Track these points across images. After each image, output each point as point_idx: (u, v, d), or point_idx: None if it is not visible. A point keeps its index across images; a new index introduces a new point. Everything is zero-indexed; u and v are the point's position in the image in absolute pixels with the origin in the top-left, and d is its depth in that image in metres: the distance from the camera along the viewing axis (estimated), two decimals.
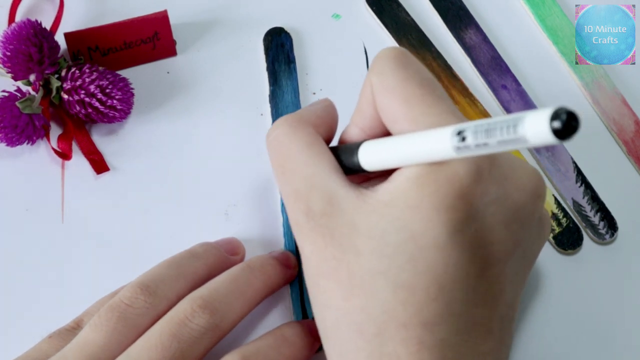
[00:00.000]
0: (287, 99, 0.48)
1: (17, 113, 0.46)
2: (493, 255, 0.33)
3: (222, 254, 0.42)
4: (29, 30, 0.46)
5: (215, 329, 0.37)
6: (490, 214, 0.33)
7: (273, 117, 0.48)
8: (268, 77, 0.49)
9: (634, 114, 0.49)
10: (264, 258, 0.41)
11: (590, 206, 0.45)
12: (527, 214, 0.34)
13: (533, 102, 0.49)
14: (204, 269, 0.40)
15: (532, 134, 0.26)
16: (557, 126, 0.25)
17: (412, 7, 0.52)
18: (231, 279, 0.39)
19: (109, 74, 0.47)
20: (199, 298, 0.38)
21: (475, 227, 0.32)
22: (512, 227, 0.34)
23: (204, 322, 0.37)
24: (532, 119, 0.26)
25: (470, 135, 0.28)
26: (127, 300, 0.38)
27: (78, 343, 0.37)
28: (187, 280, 0.40)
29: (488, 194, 0.33)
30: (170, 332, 0.37)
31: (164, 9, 0.50)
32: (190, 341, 0.37)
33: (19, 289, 0.43)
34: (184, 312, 0.37)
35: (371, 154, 0.35)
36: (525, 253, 0.35)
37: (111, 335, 0.37)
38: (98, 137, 0.48)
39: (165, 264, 0.40)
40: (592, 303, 0.43)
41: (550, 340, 0.42)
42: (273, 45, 0.50)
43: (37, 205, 0.46)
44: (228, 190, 0.46)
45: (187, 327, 0.37)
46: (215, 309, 0.37)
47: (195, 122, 0.49)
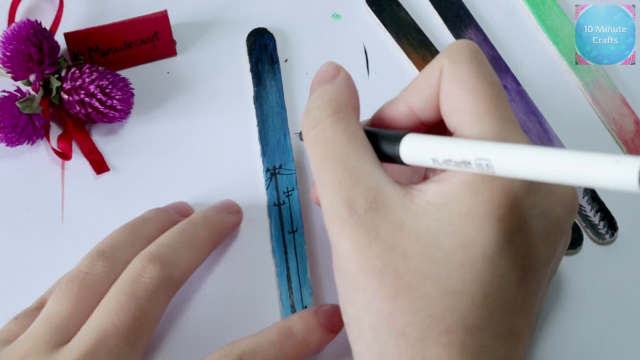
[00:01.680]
0: (272, 100, 0.48)
1: (17, 113, 0.46)
2: (532, 266, 0.34)
3: (173, 215, 0.43)
4: (29, 30, 0.46)
5: (169, 279, 0.38)
6: (536, 227, 0.33)
7: (258, 118, 0.48)
8: (252, 77, 0.49)
9: (634, 113, 0.49)
10: (206, 210, 0.43)
11: (590, 206, 0.45)
12: (564, 226, 0.35)
13: (533, 102, 0.49)
14: (156, 231, 0.41)
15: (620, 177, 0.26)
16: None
17: (412, 7, 0.52)
18: (176, 232, 0.40)
19: (109, 74, 0.47)
20: (147, 254, 0.39)
21: (521, 238, 0.33)
22: (550, 240, 0.34)
23: (155, 273, 0.38)
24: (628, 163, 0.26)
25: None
26: (86, 268, 0.39)
27: (44, 316, 0.38)
28: (142, 243, 0.40)
29: (536, 207, 0.33)
30: (125, 291, 0.37)
31: (164, 9, 0.50)
32: (146, 296, 0.37)
33: (19, 289, 0.43)
34: (135, 269, 0.38)
35: (420, 150, 0.34)
36: (555, 265, 0.36)
37: (74, 304, 0.38)
38: (98, 137, 0.48)
39: (119, 230, 0.41)
40: (592, 303, 0.43)
41: (550, 340, 0.42)
42: (256, 46, 0.50)
43: (37, 205, 0.46)
44: (228, 190, 0.46)
45: (141, 282, 0.38)
46: (165, 260, 0.38)
47: (195, 122, 0.49)
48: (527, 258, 0.33)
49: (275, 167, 0.46)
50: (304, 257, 0.43)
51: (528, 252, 0.33)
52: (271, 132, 0.47)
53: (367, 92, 0.39)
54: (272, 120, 0.48)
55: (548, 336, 0.42)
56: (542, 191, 0.33)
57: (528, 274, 0.34)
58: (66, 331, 0.37)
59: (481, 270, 0.32)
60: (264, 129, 0.47)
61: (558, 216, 0.34)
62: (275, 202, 0.45)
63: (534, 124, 0.48)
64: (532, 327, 0.36)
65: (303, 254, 0.43)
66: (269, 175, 0.46)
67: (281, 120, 0.48)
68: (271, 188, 0.45)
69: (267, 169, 0.46)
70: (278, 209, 0.45)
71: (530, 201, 0.33)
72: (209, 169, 0.47)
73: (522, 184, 0.32)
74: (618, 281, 0.44)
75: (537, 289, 0.35)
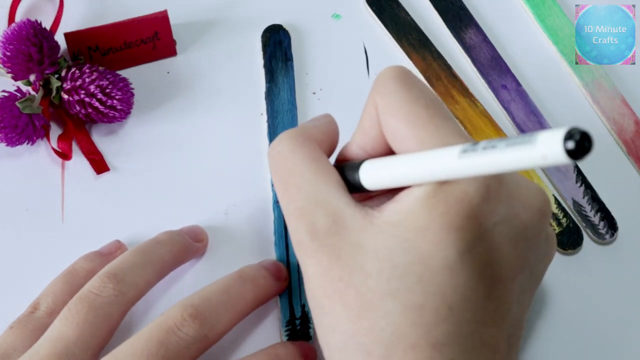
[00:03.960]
0: (283, 97, 0.48)
1: (17, 113, 0.46)
2: (500, 274, 0.33)
3: (187, 240, 0.42)
4: (29, 30, 0.46)
5: (204, 339, 0.37)
6: (498, 234, 0.33)
7: (269, 114, 0.48)
8: (265, 74, 0.49)
9: (634, 113, 0.49)
10: (257, 269, 0.41)
11: (590, 206, 0.45)
12: (534, 232, 0.34)
13: (533, 102, 0.49)
14: (169, 255, 0.41)
15: (545, 153, 0.26)
16: (570, 147, 0.25)
17: (412, 7, 0.52)
18: (223, 289, 0.39)
19: (109, 74, 0.47)
20: (190, 306, 0.37)
21: (484, 246, 0.32)
22: (519, 246, 0.34)
23: (193, 332, 0.37)
24: (546, 137, 0.25)
25: (482, 144, 0.28)
26: (96, 290, 0.38)
27: (50, 338, 0.37)
28: (154, 267, 0.40)
29: (496, 214, 0.33)
30: (158, 339, 0.36)
31: (164, 9, 0.50)
32: (176, 350, 0.36)
33: (19, 289, 0.43)
34: (173, 319, 0.37)
35: (374, 173, 0.34)
36: (532, 271, 0.35)
37: (82, 327, 0.37)
38: (98, 137, 0.48)
39: (131, 252, 0.40)
40: (592, 303, 0.43)
41: (549, 340, 0.42)
42: (271, 42, 0.50)
43: (37, 205, 0.46)
44: (228, 190, 0.46)
45: (176, 335, 0.37)
46: (205, 319, 0.37)
47: (195, 122, 0.49)
48: (493, 266, 0.33)
49: None
50: None
51: (493, 260, 0.33)
52: (280, 129, 0.47)
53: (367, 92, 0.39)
54: (282, 117, 0.48)
55: (548, 336, 0.42)
56: (503, 197, 0.33)
57: (496, 282, 0.33)
58: (72, 356, 0.37)
59: (443, 283, 0.31)
60: (273, 125, 0.47)
61: (524, 221, 0.34)
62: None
63: (534, 124, 0.48)
64: (514, 336, 0.35)
65: None
66: None
67: (291, 118, 0.48)
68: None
69: None
70: None
71: (489, 208, 0.32)
72: (209, 168, 0.47)
73: (477, 192, 0.32)
74: (618, 281, 0.44)
75: (509, 298, 0.34)
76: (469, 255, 0.32)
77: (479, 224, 0.32)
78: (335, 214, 0.33)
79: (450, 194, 0.32)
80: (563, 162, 0.25)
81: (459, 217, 0.31)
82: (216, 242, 0.45)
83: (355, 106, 0.38)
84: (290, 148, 0.36)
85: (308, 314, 0.42)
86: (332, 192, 0.34)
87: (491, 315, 0.33)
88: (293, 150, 0.36)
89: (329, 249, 0.33)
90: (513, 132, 0.48)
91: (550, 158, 0.25)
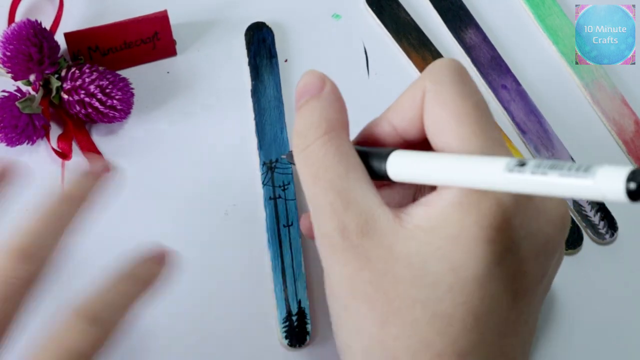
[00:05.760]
0: (270, 94, 0.48)
1: (17, 113, 0.46)
2: (524, 286, 0.33)
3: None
4: (29, 30, 0.46)
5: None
6: (525, 247, 0.33)
7: (255, 112, 0.48)
8: (250, 71, 0.49)
9: (634, 113, 0.49)
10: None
11: (590, 206, 0.45)
12: (554, 245, 0.35)
13: (533, 102, 0.49)
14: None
15: (603, 190, 0.25)
16: (632, 188, 0.24)
17: (412, 7, 0.52)
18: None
19: (109, 74, 0.47)
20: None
21: (511, 259, 0.32)
22: (541, 259, 0.34)
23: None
24: (606, 174, 0.25)
25: (531, 165, 0.28)
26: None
27: None
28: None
29: (524, 228, 0.33)
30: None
31: (164, 9, 0.50)
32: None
33: None
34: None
35: (405, 166, 0.34)
36: (548, 282, 0.36)
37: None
38: (98, 137, 0.48)
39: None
40: (592, 303, 0.43)
41: (550, 340, 0.42)
42: (254, 40, 0.50)
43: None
44: (228, 190, 0.46)
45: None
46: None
47: (195, 122, 0.49)
48: (518, 279, 0.33)
49: (272, 161, 0.46)
50: (298, 251, 0.43)
51: (518, 273, 0.33)
52: (268, 126, 0.47)
53: (367, 92, 0.39)
54: (270, 114, 0.48)
55: (548, 336, 0.42)
56: (530, 211, 0.33)
57: (519, 294, 0.33)
58: None
59: (471, 293, 0.32)
60: (260, 122, 0.48)
61: (547, 235, 0.34)
62: (271, 195, 0.45)
63: (534, 124, 0.48)
64: (527, 344, 0.35)
65: (298, 247, 0.44)
66: (266, 169, 0.46)
67: (278, 114, 0.48)
68: (267, 182, 0.46)
69: (263, 162, 0.46)
70: (274, 202, 0.45)
71: (519, 222, 0.32)
72: (209, 168, 0.47)
73: (510, 206, 0.32)
74: (618, 281, 0.44)
75: (529, 309, 0.34)
76: (498, 267, 0.32)
77: (509, 237, 0.32)
78: (368, 214, 0.33)
79: (483, 205, 0.32)
80: (620, 201, 0.25)
81: (491, 228, 0.32)
82: (216, 242, 0.45)
83: (356, 106, 0.38)
84: (321, 144, 0.35)
85: (305, 310, 0.42)
86: (365, 191, 0.34)
87: (512, 325, 0.33)
88: (324, 146, 0.35)
89: (359, 250, 0.33)
90: (513, 132, 0.48)
91: (609, 196, 0.25)
